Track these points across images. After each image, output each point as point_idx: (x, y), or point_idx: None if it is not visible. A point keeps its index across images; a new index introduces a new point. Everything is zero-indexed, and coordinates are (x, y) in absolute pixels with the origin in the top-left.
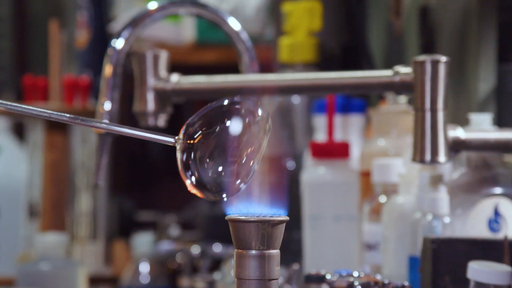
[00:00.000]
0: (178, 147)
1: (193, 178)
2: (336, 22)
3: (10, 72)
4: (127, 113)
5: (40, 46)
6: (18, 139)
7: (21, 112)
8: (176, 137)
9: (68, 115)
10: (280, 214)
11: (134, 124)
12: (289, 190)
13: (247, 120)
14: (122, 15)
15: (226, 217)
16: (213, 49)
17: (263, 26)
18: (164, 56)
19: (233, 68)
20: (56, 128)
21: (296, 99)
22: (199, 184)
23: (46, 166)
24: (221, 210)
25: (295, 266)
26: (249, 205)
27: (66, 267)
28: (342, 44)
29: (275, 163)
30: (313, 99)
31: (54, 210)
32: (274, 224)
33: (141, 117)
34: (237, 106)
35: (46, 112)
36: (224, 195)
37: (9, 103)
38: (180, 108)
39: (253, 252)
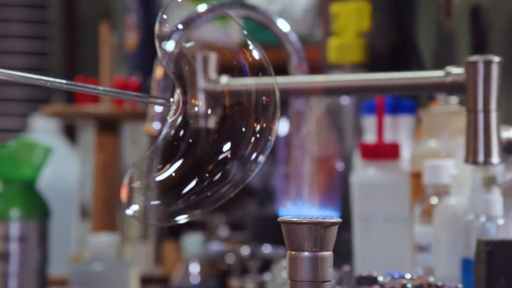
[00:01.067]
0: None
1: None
2: (385, 22)
3: (60, 75)
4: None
5: (90, 49)
6: (69, 140)
7: (20, 80)
8: (172, 100)
9: (64, 81)
10: (332, 216)
11: (185, 127)
12: (339, 191)
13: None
14: (171, 16)
15: (279, 219)
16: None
17: (311, 26)
18: (213, 58)
19: (280, 68)
20: (107, 129)
21: (345, 100)
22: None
23: (97, 167)
24: (270, 211)
25: (346, 268)
26: (301, 207)
27: (118, 267)
28: (391, 45)
29: (324, 164)
30: (363, 100)
31: (106, 210)
32: (327, 226)
33: (192, 118)
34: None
35: (43, 79)
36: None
37: (6, 71)
38: (232, 112)
39: (306, 254)
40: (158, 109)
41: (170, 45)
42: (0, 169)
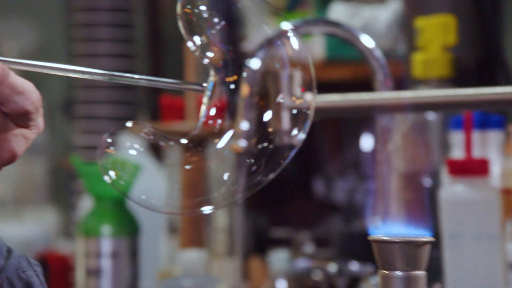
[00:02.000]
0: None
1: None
2: (471, 35)
3: (146, 92)
4: (261, 131)
5: (175, 67)
6: (156, 158)
7: (35, 69)
8: (204, 85)
9: (97, 71)
10: (424, 234)
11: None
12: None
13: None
14: (253, 34)
15: (369, 238)
16: (344, 66)
17: (394, 41)
18: (298, 75)
19: (364, 84)
20: (193, 147)
21: (431, 116)
22: None
23: (184, 185)
24: (356, 227)
25: (437, 287)
26: (391, 224)
27: (207, 283)
28: (478, 58)
29: (411, 180)
30: (449, 115)
31: (193, 227)
32: (420, 244)
33: (277, 135)
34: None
35: (80, 70)
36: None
37: (13, 59)
38: (314, 126)
39: (399, 273)
40: (245, 126)
41: (256, 63)
42: (91, 187)
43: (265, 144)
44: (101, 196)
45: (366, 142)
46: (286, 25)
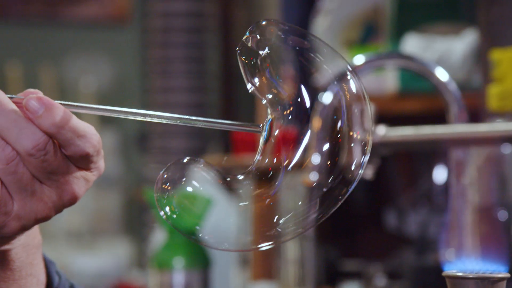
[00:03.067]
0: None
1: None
2: None
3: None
4: (333, 164)
5: (247, 100)
6: (228, 190)
7: (94, 112)
8: (261, 125)
9: (145, 112)
10: (500, 270)
11: (342, 177)
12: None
13: None
14: (326, 68)
15: (443, 273)
16: (417, 98)
17: (470, 73)
18: (370, 109)
19: (437, 116)
20: (263, 179)
21: (506, 148)
22: None
23: (255, 218)
24: (428, 261)
25: None
26: (465, 259)
27: None
28: None
29: (486, 214)
30: None
31: (264, 259)
32: (495, 281)
33: (348, 169)
34: None
35: (123, 111)
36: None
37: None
38: (386, 160)
39: None
40: (316, 160)
41: (328, 98)
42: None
43: (337, 179)
44: (173, 229)
45: (439, 174)
46: (359, 59)
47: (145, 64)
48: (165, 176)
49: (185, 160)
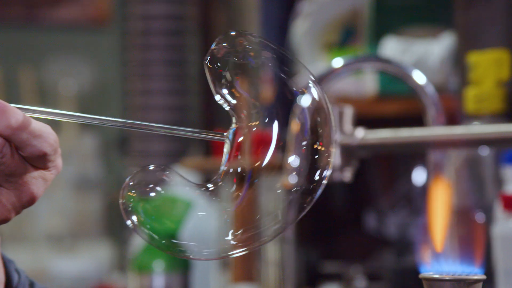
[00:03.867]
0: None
1: None
2: None
3: (199, 128)
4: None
5: None
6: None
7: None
8: (225, 134)
9: (120, 120)
10: (476, 272)
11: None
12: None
13: None
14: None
15: (420, 276)
16: (395, 101)
17: (447, 76)
18: (349, 112)
19: (416, 119)
20: (243, 181)
21: (484, 151)
22: None
23: (236, 220)
24: (408, 262)
25: None
26: (442, 261)
27: None
28: None
29: (464, 216)
30: (503, 150)
31: (244, 261)
32: (471, 283)
33: (312, 180)
34: None
35: (100, 119)
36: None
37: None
38: (365, 162)
39: None
40: (294, 163)
41: (306, 100)
42: (145, 224)
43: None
44: (155, 232)
45: (418, 176)
46: (337, 62)
47: (125, 66)
48: (131, 183)
49: (151, 168)
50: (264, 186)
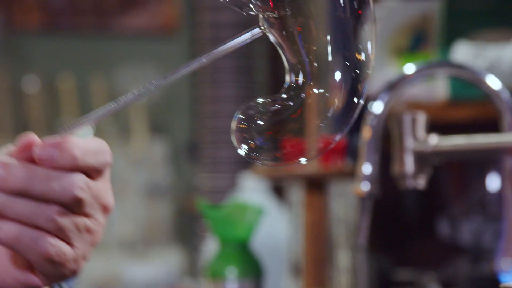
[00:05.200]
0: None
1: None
2: None
3: None
4: (384, 174)
5: None
6: (278, 198)
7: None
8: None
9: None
10: None
11: (392, 186)
12: None
13: None
14: (375, 74)
15: (501, 285)
16: (468, 106)
17: None
18: (421, 119)
19: (489, 124)
20: (314, 188)
21: None
22: None
23: (307, 226)
24: (483, 270)
25: None
26: None
27: None
28: None
29: None
30: None
31: (316, 268)
32: None
33: (400, 179)
34: None
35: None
36: None
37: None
38: (438, 168)
39: None
40: (367, 169)
41: (378, 107)
42: (216, 229)
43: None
44: (226, 238)
45: (492, 182)
46: (410, 69)
47: (194, 74)
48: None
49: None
50: (335, 192)
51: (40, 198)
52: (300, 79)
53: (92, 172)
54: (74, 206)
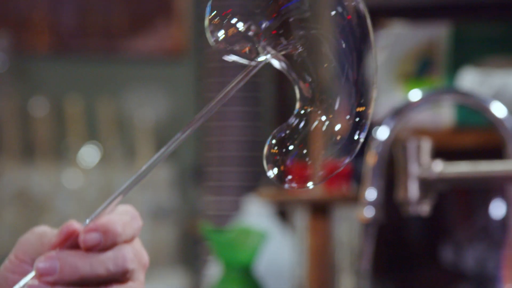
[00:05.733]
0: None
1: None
2: None
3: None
4: (389, 200)
5: None
6: (283, 224)
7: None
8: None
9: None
10: None
11: (396, 212)
12: None
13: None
14: (381, 100)
15: None
16: (473, 133)
17: None
18: (426, 145)
19: (494, 151)
20: (319, 213)
21: None
22: None
23: (311, 250)
24: None
25: None
26: None
27: None
28: None
29: None
30: None
31: None
32: None
33: (404, 205)
34: None
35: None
36: None
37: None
38: (442, 194)
39: None
40: (371, 195)
41: (383, 133)
42: (220, 253)
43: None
44: (229, 262)
45: (496, 209)
46: (415, 95)
47: (200, 97)
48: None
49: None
50: (339, 216)
51: (99, 282)
52: (308, 105)
53: (132, 239)
54: (124, 277)
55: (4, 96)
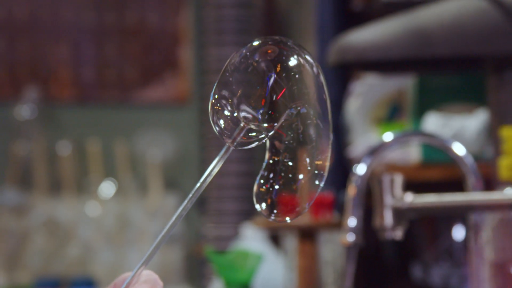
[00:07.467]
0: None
1: None
2: None
3: None
4: (367, 226)
5: None
6: (276, 247)
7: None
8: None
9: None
10: None
11: (373, 237)
12: None
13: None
14: (358, 140)
15: None
16: (438, 168)
17: (483, 146)
18: (399, 179)
19: (456, 184)
20: (306, 237)
21: None
22: None
23: (300, 270)
24: None
25: None
26: None
27: None
28: None
29: (501, 269)
30: None
31: None
32: None
33: (381, 231)
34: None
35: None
36: None
37: None
38: (414, 222)
39: None
40: (352, 223)
41: (362, 169)
42: (222, 273)
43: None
44: (230, 281)
45: (458, 232)
46: (388, 137)
47: (203, 139)
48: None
49: None
50: (324, 240)
51: None
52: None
53: None
54: None
55: (34, 139)
